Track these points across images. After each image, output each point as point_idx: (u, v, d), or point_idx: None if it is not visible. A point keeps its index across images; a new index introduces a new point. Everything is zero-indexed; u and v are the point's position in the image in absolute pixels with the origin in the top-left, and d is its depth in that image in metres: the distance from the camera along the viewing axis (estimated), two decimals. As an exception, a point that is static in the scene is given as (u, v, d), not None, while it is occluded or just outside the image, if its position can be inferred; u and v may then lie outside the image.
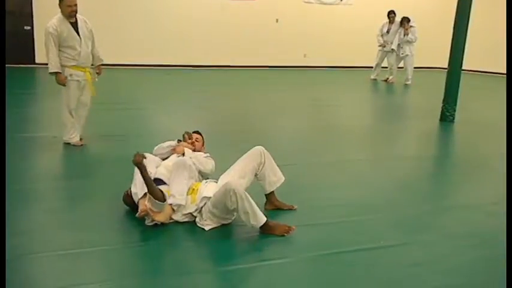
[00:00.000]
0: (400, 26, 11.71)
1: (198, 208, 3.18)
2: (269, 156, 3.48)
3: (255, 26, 13.46)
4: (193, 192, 3.22)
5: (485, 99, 10.40)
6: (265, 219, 3.03)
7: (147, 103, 7.86)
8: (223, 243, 3.00)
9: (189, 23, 12.86)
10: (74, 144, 5.02)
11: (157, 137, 4.30)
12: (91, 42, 5.04)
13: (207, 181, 3.39)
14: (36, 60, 11.44)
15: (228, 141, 5.41)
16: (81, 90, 5.04)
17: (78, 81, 4.97)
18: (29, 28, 11.58)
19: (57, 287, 2.46)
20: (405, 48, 11.76)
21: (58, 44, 4.76)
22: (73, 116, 5.03)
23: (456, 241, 3.17)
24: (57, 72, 4.83)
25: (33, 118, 6.63)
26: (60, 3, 4.73)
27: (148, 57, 12.57)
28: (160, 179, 3.25)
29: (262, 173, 3.44)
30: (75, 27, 4.84)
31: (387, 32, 11.98)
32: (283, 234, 3.06)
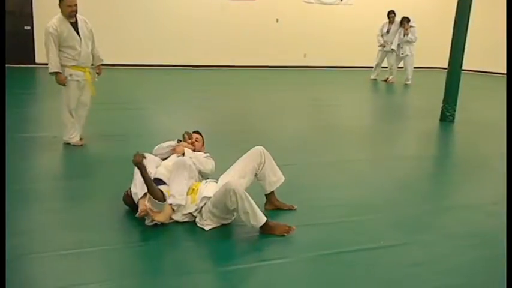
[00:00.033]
0: (400, 26, 11.71)
1: (198, 208, 3.18)
2: (269, 156, 3.48)
3: (255, 26, 13.46)
4: (193, 192, 3.22)
5: (485, 99, 10.40)
6: (265, 219, 3.03)
7: (147, 103, 7.86)
8: (223, 243, 3.00)
9: (189, 23, 12.86)
10: (74, 144, 5.03)
11: (157, 137, 4.30)
12: (91, 42, 5.05)
13: (207, 181, 3.39)
14: (36, 60, 11.44)
15: (228, 141, 5.41)
16: (81, 90, 5.04)
17: (78, 81, 4.97)
18: (29, 28, 11.58)
19: (57, 287, 2.46)
20: (405, 48, 11.76)
21: (58, 44, 4.76)
22: (73, 116, 5.04)
23: (456, 241, 3.17)
24: (57, 72, 4.83)
25: (33, 118, 6.63)
26: (60, 3, 4.73)
27: (148, 57, 12.57)
28: (160, 179, 3.26)
29: (262, 173, 3.44)
30: (75, 27, 4.85)
31: (387, 32, 11.98)
32: (283, 234, 3.06)
